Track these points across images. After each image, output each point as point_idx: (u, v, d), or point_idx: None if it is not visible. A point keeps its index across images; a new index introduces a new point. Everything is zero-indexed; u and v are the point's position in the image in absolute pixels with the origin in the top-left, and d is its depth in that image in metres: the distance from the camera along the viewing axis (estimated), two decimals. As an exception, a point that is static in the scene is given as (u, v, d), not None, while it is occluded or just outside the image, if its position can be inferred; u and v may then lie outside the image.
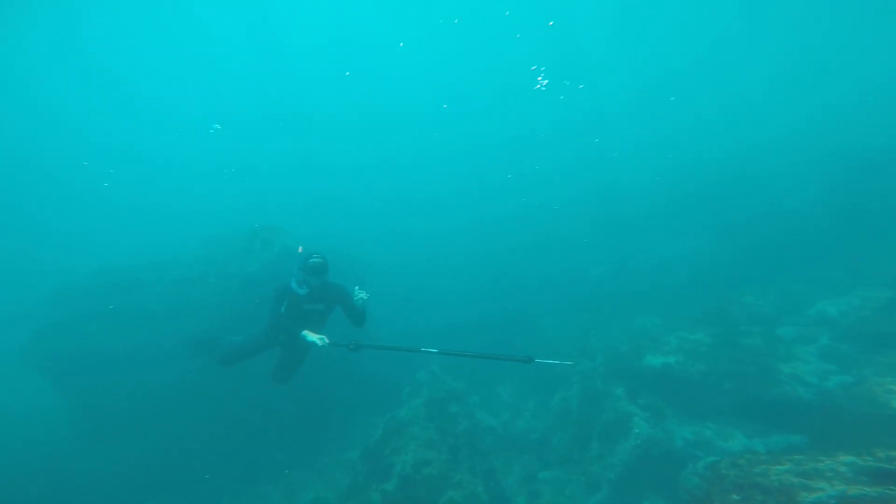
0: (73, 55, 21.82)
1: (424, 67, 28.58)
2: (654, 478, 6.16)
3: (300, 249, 4.72)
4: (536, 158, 28.67)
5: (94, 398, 8.97)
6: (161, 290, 9.60)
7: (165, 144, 30.15)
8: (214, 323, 8.62)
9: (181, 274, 9.69)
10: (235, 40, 24.66)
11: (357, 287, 4.30)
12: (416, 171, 32.07)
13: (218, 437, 8.63)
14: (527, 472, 7.45)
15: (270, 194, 29.30)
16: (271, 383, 4.80)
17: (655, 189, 18.63)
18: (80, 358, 9.00)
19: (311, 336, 4.12)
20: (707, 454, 5.82)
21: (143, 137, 29.26)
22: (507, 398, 9.87)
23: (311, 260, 4.36)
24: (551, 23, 24.98)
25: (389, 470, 6.45)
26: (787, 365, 6.74)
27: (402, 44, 27.30)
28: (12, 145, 24.68)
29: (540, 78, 26.96)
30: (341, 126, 30.56)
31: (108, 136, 27.96)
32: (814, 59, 25.87)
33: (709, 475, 4.64)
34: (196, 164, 30.52)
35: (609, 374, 7.88)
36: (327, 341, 4.10)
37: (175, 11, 21.75)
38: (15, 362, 9.86)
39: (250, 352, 4.79)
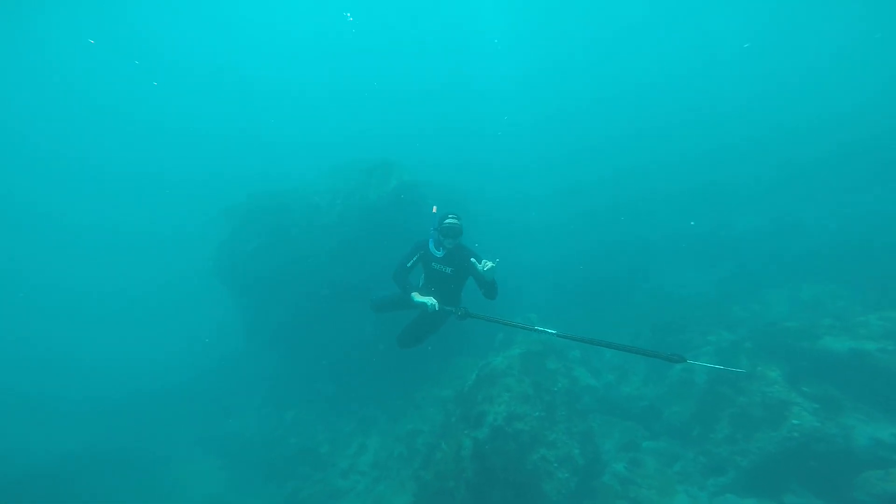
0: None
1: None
2: (809, 474, 5.00)
3: (434, 209, 4.40)
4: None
5: (258, 309, 10.57)
6: (298, 215, 10.53)
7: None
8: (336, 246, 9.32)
9: (313, 201, 10.48)
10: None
11: (484, 259, 3.83)
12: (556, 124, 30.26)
13: (336, 362, 9.53)
14: (628, 440, 6.72)
15: (389, 126, 30.11)
16: (396, 344, 4.68)
17: (839, 128, 14.35)
18: (244, 272, 10.57)
19: (420, 297, 3.89)
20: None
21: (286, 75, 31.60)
22: (612, 358, 8.96)
23: (447, 221, 3.99)
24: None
25: (481, 419, 6.31)
26: None
27: None
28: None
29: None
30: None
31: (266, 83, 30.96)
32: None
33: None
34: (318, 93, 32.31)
35: (759, 351, 6.44)
36: (437, 305, 3.84)
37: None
38: (202, 272, 12.00)
39: (396, 304, 4.65)
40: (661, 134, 24.90)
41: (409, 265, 4.16)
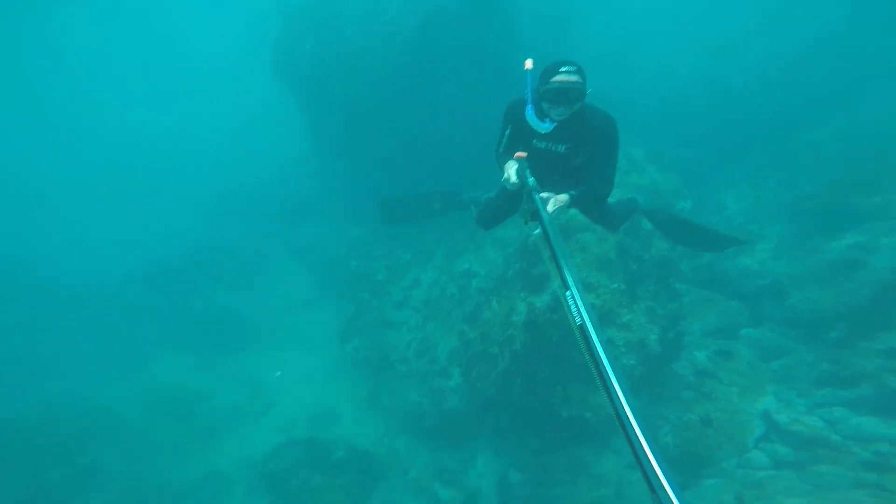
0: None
1: None
2: None
3: (528, 64, 2.39)
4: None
5: (320, 113, 9.62)
6: (352, 11, 8.37)
7: None
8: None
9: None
10: None
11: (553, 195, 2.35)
12: None
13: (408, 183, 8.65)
14: (725, 324, 5.35)
15: None
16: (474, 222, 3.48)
17: None
18: (303, 75, 9.32)
19: (508, 171, 2.49)
20: None
21: None
22: (737, 214, 6.84)
23: (555, 79, 2.29)
24: None
25: (543, 282, 5.21)
26: None
27: None
28: None
29: None
30: None
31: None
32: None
33: None
34: None
35: None
36: (515, 182, 2.44)
37: None
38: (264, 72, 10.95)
39: (501, 208, 3.19)
40: None
41: (500, 150, 2.75)
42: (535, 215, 2.19)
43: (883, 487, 3.42)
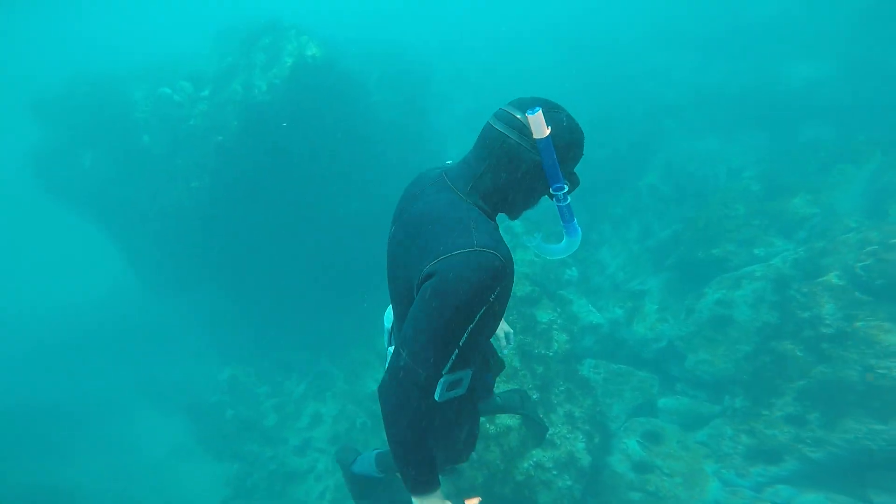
0: None
1: None
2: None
3: (539, 121, 1.22)
4: None
5: (136, 244, 7.95)
6: (148, 115, 7.14)
7: None
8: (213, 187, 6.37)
9: (165, 94, 6.99)
10: None
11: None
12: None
13: (283, 305, 7.48)
14: (643, 399, 5.24)
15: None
16: None
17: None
18: (90, 194, 7.64)
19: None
20: None
21: None
22: (617, 271, 7.09)
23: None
24: None
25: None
26: None
27: None
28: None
29: None
30: None
31: None
32: None
33: None
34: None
35: (853, 278, 4.43)
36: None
37: None
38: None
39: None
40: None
41: (446, 370, 1.23)
42: None
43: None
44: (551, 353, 4.85)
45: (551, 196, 1.33)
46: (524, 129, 1.23)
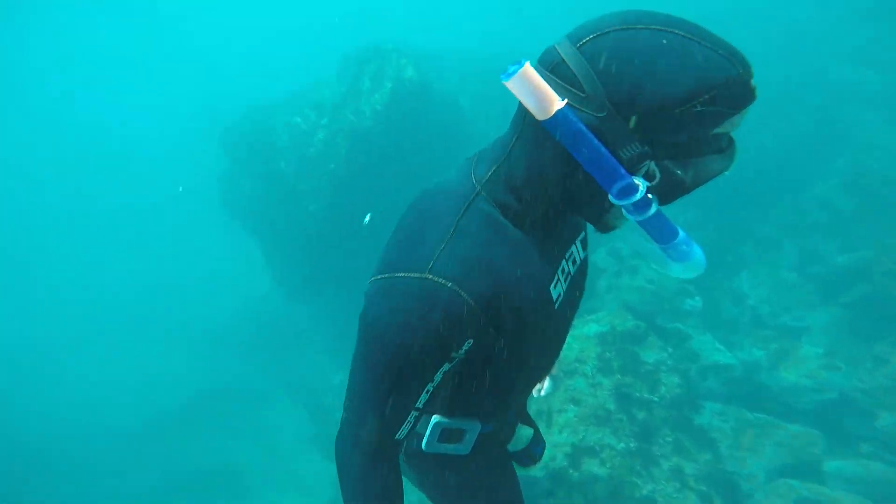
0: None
1: None
2: None
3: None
4: None
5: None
6: (285, 142, 8.09)
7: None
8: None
9: (294, 122, 7.86)
10: None
11: None
12: None
13: None
14: (796, 459, 4.07)
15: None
16: None
17: None
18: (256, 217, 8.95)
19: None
20: None
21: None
22: (760, 303, 5.75)
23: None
24: None
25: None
26: None
27: None
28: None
29: None
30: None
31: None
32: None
33: None
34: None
35: None
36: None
37: None
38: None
39: None
40: None
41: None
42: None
43: None
44: (657, 398, 4.13)
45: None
46: (565, 77, 0.72)
